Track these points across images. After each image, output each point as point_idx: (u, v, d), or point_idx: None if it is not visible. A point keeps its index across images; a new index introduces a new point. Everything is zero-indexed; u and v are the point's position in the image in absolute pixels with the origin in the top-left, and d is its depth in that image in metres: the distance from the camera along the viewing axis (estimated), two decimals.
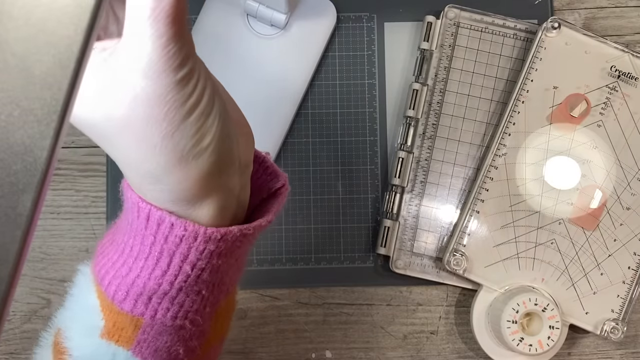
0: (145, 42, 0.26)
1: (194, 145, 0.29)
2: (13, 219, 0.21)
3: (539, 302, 0.56)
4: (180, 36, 0.27)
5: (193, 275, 0.32)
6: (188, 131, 0.28)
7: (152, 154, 0.28)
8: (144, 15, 0.26)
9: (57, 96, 0.21)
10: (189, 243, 0.31)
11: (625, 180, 0.60)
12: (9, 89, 0.21)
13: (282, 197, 0.37)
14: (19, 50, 0.21)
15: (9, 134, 0.21)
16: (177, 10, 0.27)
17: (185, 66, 0.28)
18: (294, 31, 0.62)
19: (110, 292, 0.33)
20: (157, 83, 0.27)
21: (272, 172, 0.38)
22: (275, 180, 0.38)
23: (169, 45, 0.27)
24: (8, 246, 0.21)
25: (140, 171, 0.29)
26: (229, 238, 0.32)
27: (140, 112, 0.27)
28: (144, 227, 0.31)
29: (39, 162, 0.21)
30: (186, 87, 0.28)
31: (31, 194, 0.21)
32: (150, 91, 0.27)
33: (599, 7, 0.65)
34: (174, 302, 0.33)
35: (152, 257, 0.31)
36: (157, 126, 0.28)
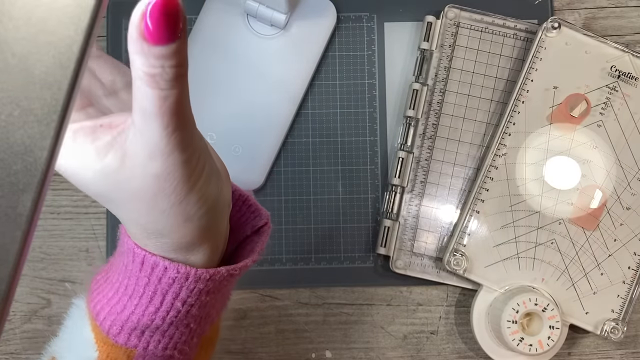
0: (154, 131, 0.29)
1: (199, 208, 0.32)
2: (13, 219, 0.21)
3: (539, 302, 0.56)
4: (184, 124, 0.30)
5: (183, 311, 0.35)
6: (194, 199, 0.32)
7: (160, 218, 0.32)
8: (151, 111, 0.28)
9: (57, 96, 0.21)
10: (181, 283, 0.34)
11: (626, 180, 0.60)
12: (9, 88, 0.21)
13: (265, 235, 0.40)
14: (19, 50, 0.21)
15: (9, 134, 0.21)
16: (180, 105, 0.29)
17: (189, 147, 0.30)
18: (294, 31, 0.62)
19: (105, 326, 0.36)
20: (166, 163, 0.30)
21: (255, 210, 0.41)
22: (258, 218, 0.41)
23: (175, 133, 0.29)
24: (8, 246, 0.21)
25: (146, 230, 0.33)
26: (217, 277, 0.35)
27: (150, 186, 0.30)
28: (138, 269, 0.34)
29: (39, 162, 0.21)
30: (190, 163, 0.31)
31: (31, 194, 0.21)
32: (160, 170, 0.30)
33: (599, 7, 0.65)
34: (165, 334, 0.36)
35: (146, 296, 0.35)
36: (166, 198, 0.31)
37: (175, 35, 0.27)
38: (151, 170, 0.30)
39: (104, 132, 0.30)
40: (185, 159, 0.30)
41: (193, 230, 0.33)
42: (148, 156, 0.29)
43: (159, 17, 0.26)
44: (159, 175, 0.30)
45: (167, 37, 0.26)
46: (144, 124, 0.29)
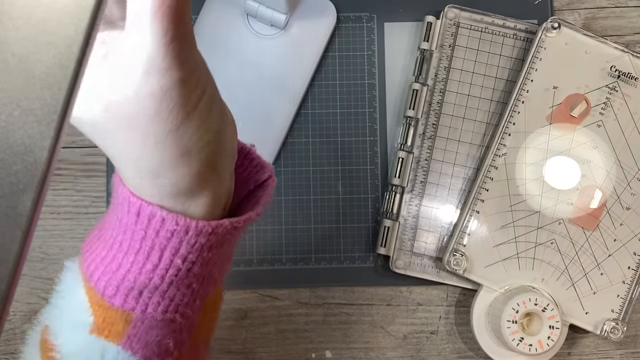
0: (149, 40, 0.26)
1: (197, 139, 0.29)
2: (13, 219, 0.21)
3: (538, 302, 0.56)
4: (184, 33, 0.27)
5: (184, 269, 0.32)
6: (192, 126, 0.29)
7: (155, 149, 0.28)
8: (147, 13, 0.26)
9: (57, 96, 0.21)
10: (181, 237, 0.31)
11: (625, 180, 0.60)
12: (9, 89, 0.21)
13: (269, 188, 0.37)
14: (19, 50, 0.21)
15: (9, 134, 0.21)
16: (180, 8, 0.26)
17: (188, 62, 0.28)
18: (294, 31, 0.62)
19: (100, 287, 0.33)
20: (162, 80, 0.27)
21: (257, 164, 0.38)
22: (261, 172, 0.38)
23: (173, 43, 0.27)
24: (8, 246, 0.21)
25: (142, 167, 0.29)
26: (220, 231, 0.32)
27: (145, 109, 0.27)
28: (134, 222, 0.31)
29: (39, 162, 0.21)
30: (190, 83, 0.28)
31: (31, 194, 0.21)
32: (156, 88, 0.27)
33: (599, 7, 0.65)
34: (165, 296, 0.33)
35: (143, 251, 0.31)
36: (162, 122, 0.28)
37: None
38: (145, 89, 0.27)
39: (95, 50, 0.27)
40: (183, 77, 0.27)
41: (190, 168, 0.30)
42: (141, 72, 0.27)
43: None
44: (153, 95, 0.27)
45: None
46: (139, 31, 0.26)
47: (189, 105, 0.28)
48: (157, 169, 0.29)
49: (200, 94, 0.29)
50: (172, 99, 0.27)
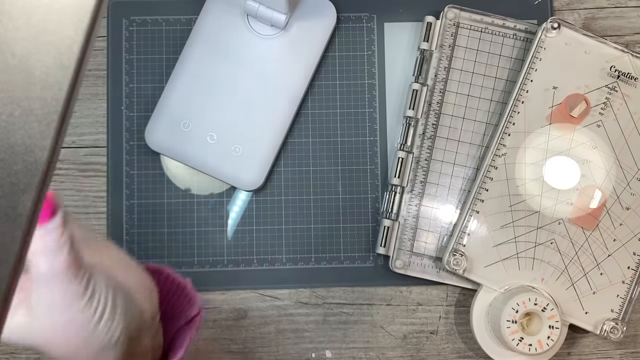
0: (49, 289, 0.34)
1: (108, 341, 0.36)
2: (13, 219, 0.21)
3: (538, 301, 0.56)
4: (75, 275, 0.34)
5: None
6: (100, 335, 0.35)
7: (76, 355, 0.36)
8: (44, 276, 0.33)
9: (57, 96, 0.21)
10: None
11: (625, 180, 0.60)
12: (10, 89, 0.21)
13: (194, 327, 0.43)
14: (20, 50, 0.21)
15: (9, 134, 0.21)
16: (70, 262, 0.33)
17: (86, 292, 0.34)
18: (294, 31, 0.62)
19: None
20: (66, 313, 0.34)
21: (190, 299, 0.44)
22: (191, 309, 0.44)
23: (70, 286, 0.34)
24: (8, 246, 0.21)
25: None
26: None
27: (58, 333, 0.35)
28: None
29: (39, 162, 0.21)
30: (91, 306, 0.35)
31: (32, 194, 0.21)
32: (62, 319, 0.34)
33: (599, 7, 0.65)
34: None
35: None
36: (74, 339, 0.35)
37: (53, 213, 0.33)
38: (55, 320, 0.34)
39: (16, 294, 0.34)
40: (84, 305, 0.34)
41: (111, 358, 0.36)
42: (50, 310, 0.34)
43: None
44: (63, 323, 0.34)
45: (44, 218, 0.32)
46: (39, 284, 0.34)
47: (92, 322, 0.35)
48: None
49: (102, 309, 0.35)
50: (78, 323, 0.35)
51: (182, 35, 0.63)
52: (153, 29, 0.63)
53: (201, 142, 0.61)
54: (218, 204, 0.62)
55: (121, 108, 0.63)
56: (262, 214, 0.62)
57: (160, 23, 0.63)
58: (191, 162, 0.61)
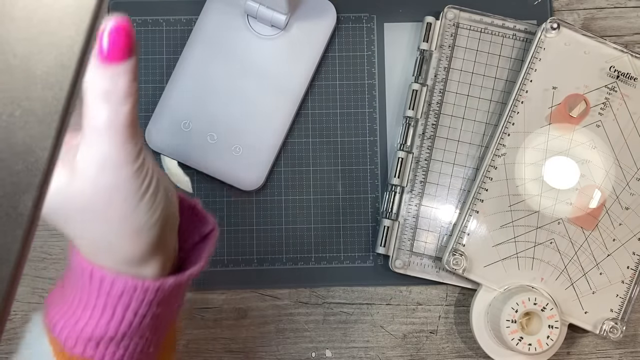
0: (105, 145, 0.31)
1: (147, 219, 0.34)
2: (14, 219, 0.21)
3: (538, 301, 0.56)
4: (133, 135, 0.32)
5: (135, 322, 0.36)
6: (143, 210, 0.33)
7: (110, 232, 0.33)
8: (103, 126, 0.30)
9: (58, 96, 0.21)
10: (130, 295, 0.35)
11: (624, 180, 0.60)
12: (11, 89, 0.21)
13: (211, 241, 0.41)
14: (21, 50, 0.21)
15: (10, 134, 0.21)
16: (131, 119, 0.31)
17: (138, 158, 0.32)
18: (294, 32, 0.62)
19: (61, 338, 0.36)
20: (117, 176, 0.31)
21: (202, 218, 0.42)
22: (205, 226, 0.42)
23: (126, 146, 0.31)
24: (9, 246, 0.21)
25: (97, 245, 0.34)
26: (166, 288, 0.36)
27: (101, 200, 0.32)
28: (88, 283, 0.35)
29: (40, 162, 0.21)
30: (140, 175, 0.32)
31: (32, 194, 0.21)
32: (111, 182, 0.32)
33: (598, 7, 0.65)
34: (120, 345, 0.36)
35: (97, 308, 0.35)
36: (116, 210, 0.32)
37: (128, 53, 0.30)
38: (101, 183, 0.31)
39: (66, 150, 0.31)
40: (134, 171, 0.32)
41: (143, 242, 0.34)
42: (98, 170, 0.31)
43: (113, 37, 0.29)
44: (109, 188, 0.32)
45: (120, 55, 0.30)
46: (95, 139, 0.31)
47: (139, 193, 0.32)
48: (112, 247, 0.34)
49: (148, 182, 0.33)
50: (125, 191, 0.32)
51: (182, 36, 0.63)
52: (153, 29, 0.63)
53: (201, 142, 0.61)
54: (218, 204, 0.62)
55: None
56: (262, 214, 0.62)
57: (161, 23, 0.64)
58: (191, 162, 0.61)
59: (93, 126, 0.31)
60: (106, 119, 0.30)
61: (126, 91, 0.30)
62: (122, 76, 0.30)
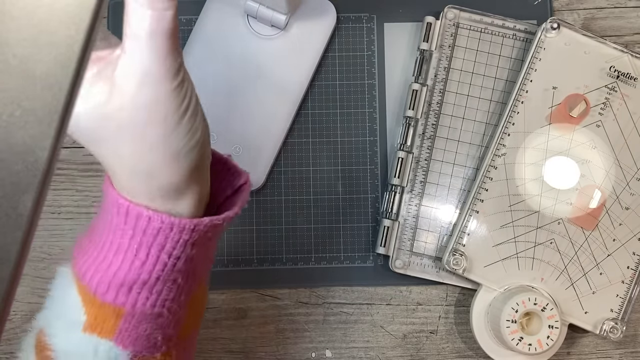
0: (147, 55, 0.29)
1: (186, 142, 0.32)
2: (14, 219, 0.21)
3: (538, 301, 0.56)
4: (175, 49, 0.30)
5: (169, 264, 0.34)
6: (182, 131, 0.32)
7: (150, 153, 0.31)
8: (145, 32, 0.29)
9: (58, 96, 0.21)
10: (166, 234, 0.33)
11: (625, 180, 0.60)
12: (10, 89, 0.21)
13: (245, 192, 0.40)
14: (20, 50, 0.21)
15: (10, 134, 0.21)
16: (174, 27, 0.29)
17: (179, 74, 0.31)
18: (294, 32, 0.62)
19: (92, 285, 0.35)
20: (157, 91, 0.30)
21: (234, 172, 0.41)
22: (238, 179, 0.41)
23: (167, 58, 0.30)
24: (9, 246, 0.21)
25: (135, 170, 0.32)
26: (201, 228, 0.34)
27: (140, 117, 0.30)
28: (123, 222, 0.34)
29: (40, 162, 0.21)
30: (180, 92, 0.31)
31: (32, 194, 0.21)
32: (151, 98, 0.30)
33: (598, 7, 0.65)
34: (153, 290, 0.35)
35: (132, 249, 0.34)
36: (156, 129, 0.31)
37: None
38: (141, 98, 0.30)
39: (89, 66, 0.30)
40: (175, 87, 0.30)
41: (181, 167, 0.33)
42: (138, 84, 0.30)
43: None
44: (149, 104, 0.30)
45: None
46: (136, 48, 0.29)
47: (179, 112, 0.31)
48: (151, 171, 0.32)
49: (188, 101, 0.31)
50: (165, 108, 0.30)
51: (182, 36, 0.63)
52: None
53: None
54: None
55: None
56: (262, 214, 0.62)
57: None
58: None
59: (135, 34, 0.29)
60: (149, 25, 0.29)
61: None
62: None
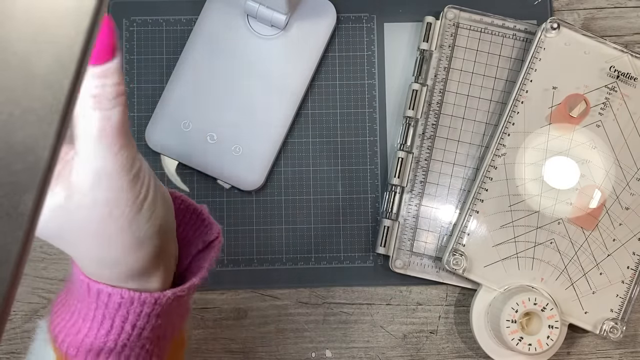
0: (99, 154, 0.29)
1: (148, 229, 0.33)
2: (14, 219, 0.21)
3: (538, 301, 0.56)
4: (126, 143, 0.30)
5: (135, 334, 0.35)
6: (143, 219, 0.32)
7: (111, 246, 0.32)
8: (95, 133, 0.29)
9: (58, 95, 0.21)
10: (127, 307, 0.35)
11: (624, 180, 0.60)
12: (10, 88, 0.21)
13: (214, 250, 0.40)
14: (20, 49, 0.21)
15: (10, 134, 0.21)
16: (123, 123, 0.30)
17: (134, 166, 0.31)
18: (294, 32, 0.62)
19: (63, 348, 0.36)
20: (114, 186, 0.30)
21: (208, 224, 0.41)
22: (209, 233, 0.41)
23: (120, 153, 0.30)
24: (9, 246, 0.21)
25: (100, 260, 0.33)
26: (164, 301, 0.35)
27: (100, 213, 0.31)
28: (86, 294, 0.35)
29: (40, 161, 0.21)
30: (137, 183, 0.31)
31: (32, 194, 0.21)
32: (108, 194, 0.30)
33: (598, 7, 0.65)
34: (120, 356, 0.36)
35: (97, 319, 0.35)
36: (116, 222, 0.31)
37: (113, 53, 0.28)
38: (99, 196, 0.30)
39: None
40: (131, 180, 0.31)
41: (144, 254, 0.33)
42: (94, 182, 0.30)
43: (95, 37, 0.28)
44: (106, 200, 0.30)
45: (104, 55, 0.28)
46: (88, 148, 0.29)
47: (137, 202, 0.31)
48: (115, 261, 0.33)
49: (146, 189, 0.32)
50: (123, 201, 0.31)
51: (182, 36, 0.63)
52: (153, 29, 0.63)
53: (201, 142, 0.61)
54: (218, 204, 0.62)
55: None
56: (262, 214, 0.62)
57: (161, 23, 0.64)
58: (191, 162, 0.61)
59: (85, 136, 0.29)
60: (97, 125, 0.29)
61: (115, 93, 0.29)
62: (110, 77, 0.28)
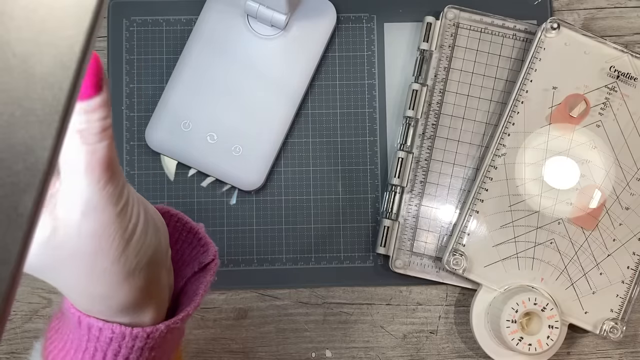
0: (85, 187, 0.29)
1: (139, 261, 0.32)
2: (14, 219, 0.21)
3: (538, 301, 0.56)
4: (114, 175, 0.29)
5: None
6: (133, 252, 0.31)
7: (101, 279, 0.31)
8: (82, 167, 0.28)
9: (58, 96, 0.21)
10: (119, 341, 0.34)
11: (625, 180, 0.60)
12: (11, 89, 0.21)
13: (210, 274, 0.40)
14: (21, 50, 0.21)
15: (10, 134, 0.21)
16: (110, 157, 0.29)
17: (122, 198, 0.30)
18: (294, 32, 0.62)
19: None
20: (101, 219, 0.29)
21: (204, 245, 0.40)
22: (205, 254, 0.40)
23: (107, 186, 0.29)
24: (9, 246, 0.21)
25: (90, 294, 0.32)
26: (156, 335, 0.35)
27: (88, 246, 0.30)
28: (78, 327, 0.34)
29: (40, 162, 0.21)
30: (126, 215, 0.30)
31: (32, 194, 0.21)
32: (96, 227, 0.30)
33: (598, 7, 0.65)
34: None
35: (89, 351, 0.35)
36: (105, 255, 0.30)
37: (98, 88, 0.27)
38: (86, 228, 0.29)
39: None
40: (119, 212, 0.30)
41: (136, 286, 0.32)
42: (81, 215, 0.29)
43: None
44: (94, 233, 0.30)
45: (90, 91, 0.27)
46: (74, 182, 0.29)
47: (126, 235, 0.31)
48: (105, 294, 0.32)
49: (136, 220, 0.31)
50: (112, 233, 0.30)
51: (182, 36, 0.63)
52: (153, 29, 0.63)
53: (201, 142, 0.61)
54: (218, 203, 0.62)
55: (121, 108, 0.63)
56: (262, 214, 0.62)
57: (161, 23, 0.64)
58: (191, 162, 0.61)
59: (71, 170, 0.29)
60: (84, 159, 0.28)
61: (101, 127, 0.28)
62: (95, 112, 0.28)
